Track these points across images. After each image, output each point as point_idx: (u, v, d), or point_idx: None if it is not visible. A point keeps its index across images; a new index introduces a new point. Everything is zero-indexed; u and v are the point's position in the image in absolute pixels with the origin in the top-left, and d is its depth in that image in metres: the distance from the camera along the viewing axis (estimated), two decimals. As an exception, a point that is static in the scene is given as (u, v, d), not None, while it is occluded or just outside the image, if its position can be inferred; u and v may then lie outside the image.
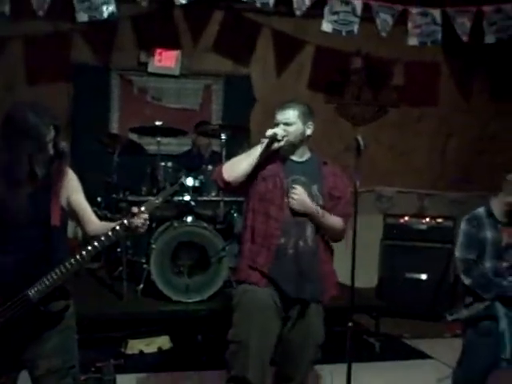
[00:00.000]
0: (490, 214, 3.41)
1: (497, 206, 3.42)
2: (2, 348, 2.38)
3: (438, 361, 4.67)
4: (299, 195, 3.02)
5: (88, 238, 2.54)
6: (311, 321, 3.08)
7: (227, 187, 3.10)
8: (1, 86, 5.95)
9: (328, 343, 4.21)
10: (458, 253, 3.45)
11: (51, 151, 2.48)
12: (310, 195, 3.06)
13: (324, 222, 3.06)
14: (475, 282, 3.35)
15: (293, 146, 3.13)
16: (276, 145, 3.06)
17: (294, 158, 3.16)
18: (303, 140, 3.16)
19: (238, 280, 3.14)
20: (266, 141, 3.04)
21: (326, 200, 3.10)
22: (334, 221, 3.10)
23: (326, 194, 3.12)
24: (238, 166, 3.05)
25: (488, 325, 3.30)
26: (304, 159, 3.18)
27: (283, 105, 3.17)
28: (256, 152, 3.04)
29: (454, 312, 3.47)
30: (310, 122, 3.16)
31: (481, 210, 3.45)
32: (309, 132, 3.16)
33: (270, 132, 3.05)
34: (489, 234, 3.39)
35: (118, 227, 2.41)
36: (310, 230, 3.06)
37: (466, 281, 3.38)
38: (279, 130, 3.06)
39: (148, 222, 2.47)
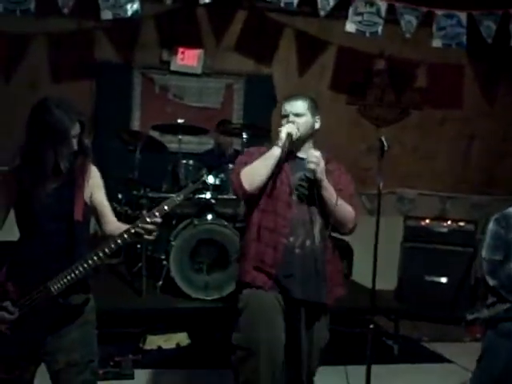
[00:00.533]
0: None
1: None
2: (22, 339, 2.40)
3: (457, 365, 4.63)
4: (318, 157, 2.87)
5: (105, 236, 2.55)
6: (316, 325, 3.00)
7: (249, 197, 2.99)
8: (25, 83, 5.99)
9: (346, 344, 4.22)
10: (484, 253, 3.40)
11: (75, 147, 2.49)
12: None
13: (337, 203, 2.90)
14: (500, 283, 3.30)
15: (302, 140, 3.02)
16: (289, 142, 2.93)
17: (300, 154, 3.04)
18: (312, 134, 3.05)
19: (244, 282, 2.98)
20: (283, 141, 2.90)
21: None
22: (346, 205, 2.97)
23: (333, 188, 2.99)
24: (258, 174, 2.92)
25: (508, 326, 3.26)
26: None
27: (291, 96, 3.07)
28: (274, 156, 2.91)
29: (475, 311, 3.43)
30: (317, 116, 3.07)
31: (511, 210, 3.40)
32: (317, 126, 3.07)
33: (284, 132, 2.92)
34: None
35: (125, 234, 2.41)
36: (317, 228, 2.96)
37: (491, 282, 3.33)
38: (292, 127, 2.93)
39: (156, 232, 2.43)
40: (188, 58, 6.44)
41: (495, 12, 5.82)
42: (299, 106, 3.02)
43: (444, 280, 5.90)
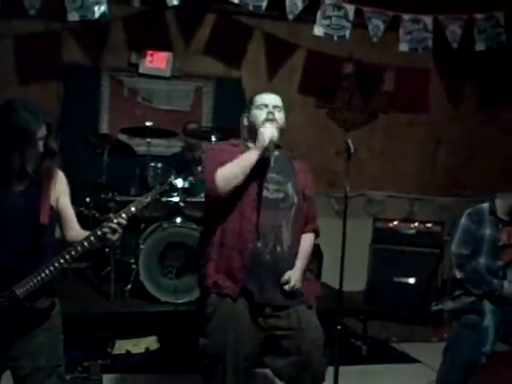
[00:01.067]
0: (491, 211, 3.42)
1: (502, 204, 3.42)
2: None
3: (424, 365, 4.68)
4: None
5: (67, 243, 2.53)
6: (305, 324, 2.88)
7: (221, 199, 2.82)
8: (-10, 85, 5.92)
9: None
10: (453, 247, 3.46)
11: (41, 149, 2.47)
12: (286, 195, 2.90)
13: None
14: (467, 277, 3.37)
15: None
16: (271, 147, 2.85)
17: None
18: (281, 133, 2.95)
19: (207, 286, 2.86)
20: (265, 146, 2.79)
21: (300, 200, 2.94)
22: (309, 245, 3.01)
23: (300, 192, 2.95)
24: (234, 178, 2.76)
25: (473, 318, 3.33)
26: (275, 155, 2.93)
27: (264, 91, 3.01)
28: (251, 160, 2.78)
29: (440, 303, 3.50)
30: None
31: (485, 206, 3.46)
32: (285, 125, 2.99)
33: (268, 136, 2.79)
34: (488, 231, 3.40)
35: (91, 237, 2.41)
36: (286, 234, 2.87)
37: (458, 274, 3.41)
38: (274, 130, 2.83)
39: (120, 232, 2.43)
40: (157, 61, 6.41)
41: (460, 17, 5.91)
42: (277, 99, 2.98)
43: (412, 281, 5.98)
